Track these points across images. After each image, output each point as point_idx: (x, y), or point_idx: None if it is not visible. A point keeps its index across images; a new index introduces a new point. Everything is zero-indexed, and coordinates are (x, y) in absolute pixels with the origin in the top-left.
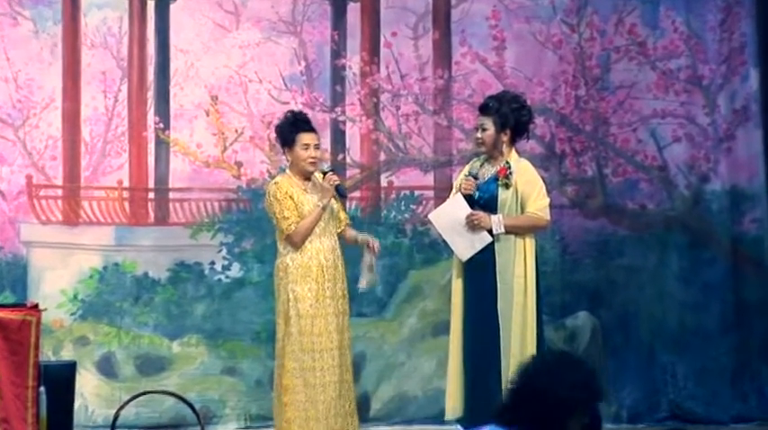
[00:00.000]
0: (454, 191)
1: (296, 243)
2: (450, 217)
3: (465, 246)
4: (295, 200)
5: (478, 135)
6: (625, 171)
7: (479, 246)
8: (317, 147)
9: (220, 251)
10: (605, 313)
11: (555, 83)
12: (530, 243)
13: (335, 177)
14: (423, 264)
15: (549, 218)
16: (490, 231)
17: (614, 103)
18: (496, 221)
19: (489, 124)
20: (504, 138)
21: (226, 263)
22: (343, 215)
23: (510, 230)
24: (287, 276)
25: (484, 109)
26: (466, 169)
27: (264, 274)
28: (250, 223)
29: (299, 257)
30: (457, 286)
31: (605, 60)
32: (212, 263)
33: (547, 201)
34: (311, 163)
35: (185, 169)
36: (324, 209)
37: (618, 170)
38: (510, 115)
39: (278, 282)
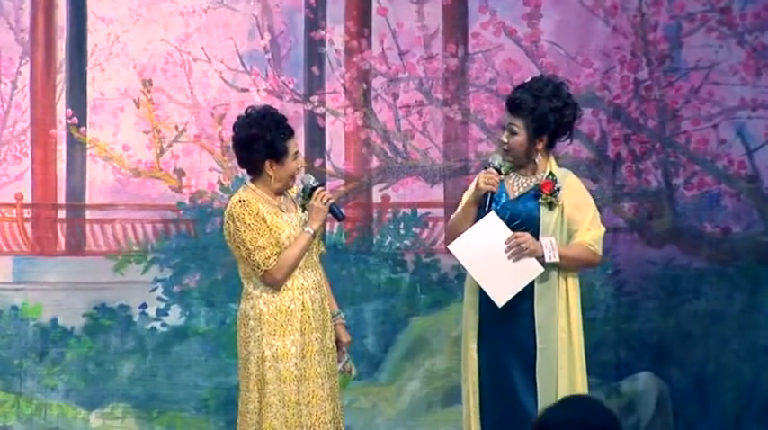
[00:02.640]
0: (468, 192)
1: (278, 281)
2: (481, 244)
3: (505, 284)
4: (269, 221)
5: (504, 139)
6: (702, 182)
7: (525, 282)
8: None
9: (155, 290)
10: (676, 374)
11: (607, 63)
12: (573, 285)
13: (329, 194)
14: (429, 309)
15: (601, 254)
16: (539, 260)
17: (687, 89)
18: (549, 246)
19: (521, 127)
20: (539, 145)
21: (162, 306)
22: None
23: (560, 262)
24: (261, 327)
25: (514, 107)
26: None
27: (214, 322)
28: (195, 252)
29: (277, 300)
30: (470, 343)
31: (675, 32)
32: (144, 306)
33: (602, 231)
34: (295, 175)
35: (107, 179)
36: (313, 236)
37: (692, 181)
38: (549, 116)
39: (246, 335)
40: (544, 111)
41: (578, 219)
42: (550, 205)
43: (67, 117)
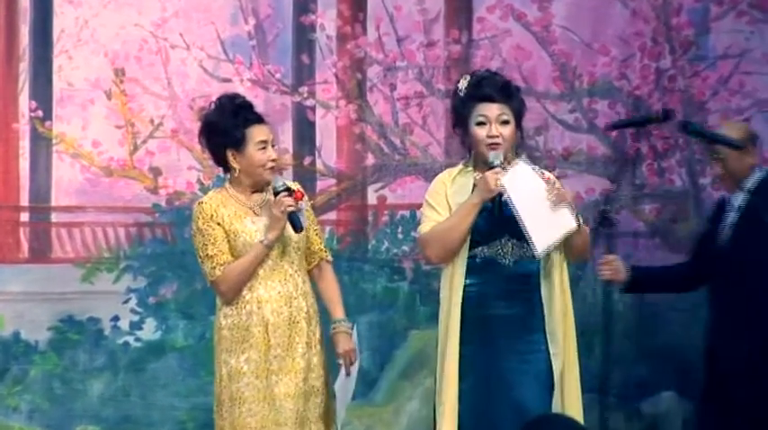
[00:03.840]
0: (437, 196)
1: (223, 293)
2: (524, 185)
3: (544, 232)
4: (227, 227)
5: (494, 132)
6: None
7: (560, 235)
8: (273, 145)
9: (128, 301)
10: None
11: (626, 50)
12: (567, 276)
13: (289, 201)
14: (430, 321)
15: None
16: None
17: (715, 80)
18: (573, 209)
19: (510, 116)
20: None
21: (136, 318)
22: (317, 244)
23: (577, 239)
24: (219, 342)
25: (503, 94)
26: (449, 174)
27: (193, 336)
28: (172, 259)
29: (234, 313)
30: (452, 348)
31: (701, 16)
32: (116, 318)
33: None
34: (270, 168)
35: (75, 179)
36: (268, 247)
37: None
38: (523, 105)
39: (214, 351)
40: (521, 100)
41: None
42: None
43: (31, 110)
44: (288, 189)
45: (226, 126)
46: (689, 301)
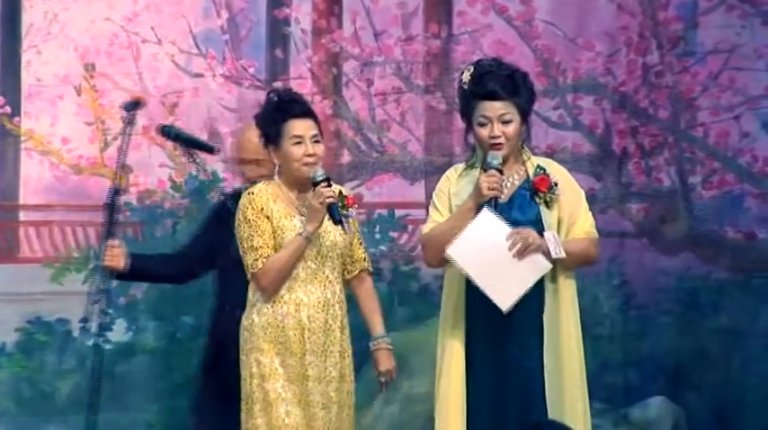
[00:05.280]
0: (440, 197)
1: (264, 288)
2: (480, 245)
3: (510, 286)
4: (275, 222)
5: (496, 132)
6: (723, 181)
7: (531, 281)
8: (316, 140)
9: (97, 301)
10: (694, 399)
11: (611, 45)
12: (573, 287)
13: (329, 191)
14: (408, 324)
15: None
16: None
17: (704, 76)
18: (552, 240)
19: (514, 113)
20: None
21: (106, 319)
22: (360, 253)
23: (565, 259)
24: (251, 339)
25: (508, 87)
26: (456, 171)
27: (164, 337)
28: None
29: (270, 311)
30: (456, 365)
31: (690, 11)
32: (84, 320)
33: (591, 216)
34: (306, 164)
35: (44, 176)
36: (308, 239)
37: (711, 179)
38: (532, 95)
39: (241, 347)
40: (529, 90)
41: (576, 209)
42: (548, 203)
43: None
44: (327, 179)
45: (265, 122)
46: (679, 304)
